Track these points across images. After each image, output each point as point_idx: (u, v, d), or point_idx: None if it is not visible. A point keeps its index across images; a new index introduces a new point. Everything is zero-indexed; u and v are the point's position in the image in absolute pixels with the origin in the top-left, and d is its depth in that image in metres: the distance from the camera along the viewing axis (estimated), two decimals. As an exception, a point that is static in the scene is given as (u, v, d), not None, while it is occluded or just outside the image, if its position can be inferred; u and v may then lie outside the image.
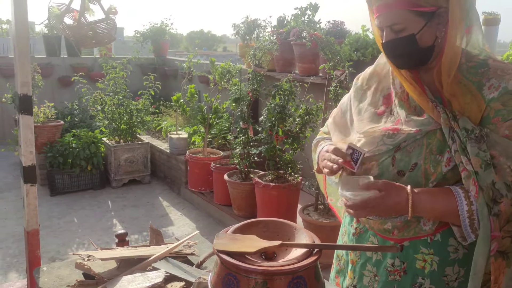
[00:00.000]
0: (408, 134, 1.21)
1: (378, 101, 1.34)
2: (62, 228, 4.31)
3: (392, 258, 1.27)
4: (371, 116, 1.33)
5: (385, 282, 1.27)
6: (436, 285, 1.23)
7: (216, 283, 1.11)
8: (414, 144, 1.22)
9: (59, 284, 1.69)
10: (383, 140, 1.26)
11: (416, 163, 1.21)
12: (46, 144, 5.26)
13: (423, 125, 1.20)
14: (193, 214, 4.73)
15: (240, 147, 4.14)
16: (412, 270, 1.24)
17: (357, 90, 1.44)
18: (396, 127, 1.25)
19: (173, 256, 1.74)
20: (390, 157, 1.25)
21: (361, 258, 1.36)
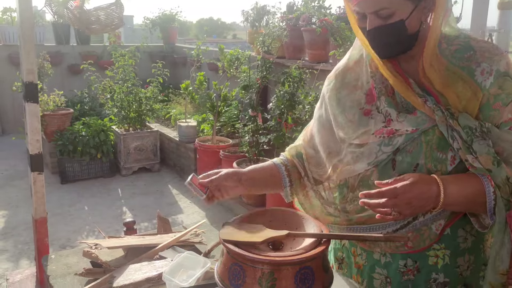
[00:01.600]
0: (406, 136, 1.13)
1: (360, 99, 1.21)
2: (72, 215, 4.34)
3: (404, 259, 1.20)
4: (357, 118, 1.20)
5: (399, 283, 1.22)
6: (450, 277, 1.19)
7: (222, 273, 1.09)
8: (413, 144, 1.13)
9: (67, 272, 1.69)
10: (381, 150, 1.16)
11: (417, 164, 1.13)
12: (56, 132, 5.28)
13: (419, 124, 1.12)
14: (202, 202, 4.70)
15: (249, 135, 4.12)
16: (425, 268, 1.19)
17: (332, 92, 1.29)
18: (390, 128, 1.14)
19: (181, 244, 1.74)
20: (389, 160, 1.16)
21: (368, 261, 1.27)
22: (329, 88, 1.30)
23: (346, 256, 1.34)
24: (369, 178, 1.19)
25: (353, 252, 1.31)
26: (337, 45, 3.28)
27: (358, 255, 1.29)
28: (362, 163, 1.19)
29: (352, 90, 1.23)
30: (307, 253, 1.04)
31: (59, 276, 1.67)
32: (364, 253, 1.27)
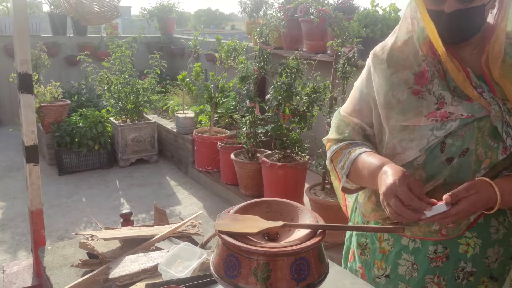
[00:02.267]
0: (461, 121, 1.11)
1: (408, 79, 1.17)
2: (70, 207, 4.34)
3: (434, 245, 1.19)
4: (406, 98, 1.16)
5: (427, 270, 1.21)
6: (477, 267, 1.19)
7: (217, 264, 1.09)
8: (465, 128, 1.12)
9: (63, 263, 1.69)
10: (434, 134, 1.13)
11: (467, 148, 1.12)
12: (53, 123, 5.26)
13: (474, 111, 1.10)
14: (200, 194, 4.73)
15: (247, 126, 4.11)
16: (455, 255, 1.19)
17: (379, 68, 1.23)
18: (443, 111, 1.11)
19: (177, 236, 1.73)
20: (439, 142, 1.14)
21: (394, 247, 1.26)
22: (376, 64, 1.24)
23: (370, 241, 1.33)
24: (415, 160, 1.17)
25: (379, 237, 1.30)
26: (335, 36, 3.25)
27: (384, 240, 1.29)
28: (412, 150, 1.17)
29: (399, 69, 1.19)
30: (302, 244, 1.03)
31: (55, 267, 1.67)
32: (392, 238, 1.26)
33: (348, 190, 1.32)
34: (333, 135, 1.35)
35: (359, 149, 1.23)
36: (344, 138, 1.30)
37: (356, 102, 1.31)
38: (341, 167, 1.25)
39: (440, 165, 1.14)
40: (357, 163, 1.20)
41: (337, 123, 1.36)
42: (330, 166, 1.35)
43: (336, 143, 1.31)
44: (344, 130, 1.32)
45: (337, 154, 1.28)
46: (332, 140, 1.35)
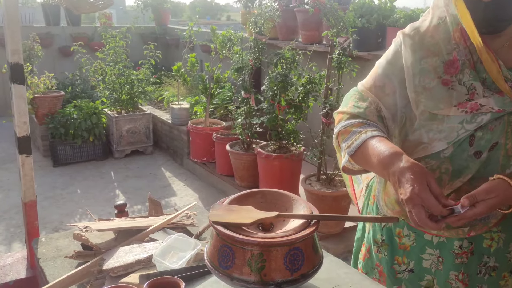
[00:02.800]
0: (491, 114, 1.07)
1: (437, 66, 1.12)
2: (65, 198, 4.33)
3: (460, 240, 1.17)
4: (434, 86, 1.11)
5: (452, 264, 1.19)
6: (500, 262, 1.18)
7: (211, 255, 1.08)
8: (495, 122, 1.08)
9: (57, 255, 1.68)
10: (464, 127, 1.09)
11: (497, 142, 1.09)
12: (47, 115, 5.23)
13: (505, 105, 1.06)
14: (196, 185, 4.73)
15: (242, 117, 4.09)
16: (479, 250, 1.18)
17: (409, 50, 1.16)
18: (474, 102, 1.07)
19: (172, 227, 1.73)
20: (468, 135, 1.09)
21: (417, 242, 1.23)
22: (407, 43, 1.16)
23: (387, 237, 1.29)
24: (442, 151, 1.13)
25: (398, 233, 1.26)
26: (330, 26, 3.24)
27: (404, 236, 1.24)
28: (441, 142, 1.12)
29: (429, 55, 1.13)
30: (296, 234, 1.03)
31: (49, 259, 1.66)
32: (413, 234, 1.23)
33: (350, 170, 1.24)
34: (346, 108, 1.23)
35: (371, 131, 1.13)
36: (359, 114, 1.19)
37: (378, 78, 1.22)
38: (347, 145, 1.16)
39: (468, 159, 1.10)
40: (366, 146, 1.11)
41: (352, 96, 1.26)
42: (335, 142, 1.25)
43: (348, 118, 1.20)
44: (360, 104, 1.22)
45: (346, 131, 1.18)
46: (344, 113, 1.23)
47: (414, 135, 1.16)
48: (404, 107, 1.18)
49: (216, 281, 1.17)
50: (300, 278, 1.03)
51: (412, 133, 1.17)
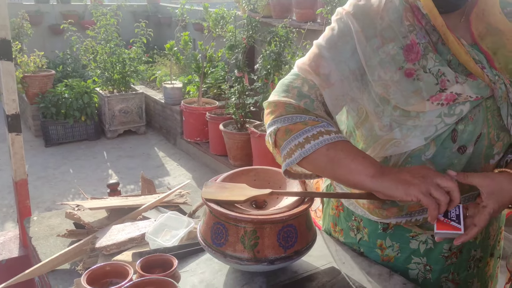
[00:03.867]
0: (471, 103, 0.95)
1: (395, 54, 0.96)
2: (57, 178, 4.30)
3: (449, 242, 1.08)
4: (401, 82, 0.96)
5: (442, 269, 1.11)
6: (484, 251, 1.15)
7: (204, 232, 1.08)
8: (474, 110, 0.97)
9: (49, 234, 1.67)
10: (443, 121, 0.95)
11: (480, 133, 0.98)
12: (38, 94, 5.16)
13: (481, 91, 0.95)
14: (189, 165, 4.71)
15: (235, 96, 4.06)
16: (466, 246, 1.11)
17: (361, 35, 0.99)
18: (450, 93, 0.94)
19: (165, 205, 1.72)
20: (450, 131, 0.98)
21: (401, 252, 1.12)
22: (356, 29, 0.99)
23: (366, 250, 1.18)
24: (423, 153, 1.00)
25: (379, 245, 1.14)
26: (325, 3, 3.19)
27: (387, 247, 1.13)
28: (417, 138, 0.98)
29: (384, 42, 0.97)
30: (290, 211, 1.03)
31: (41, 237, 1.65)
32: (397, 244, 1.12)
33: (290, 174, 1.07)
34: (287, 97, 1.02)
35: (336, 133, 0.97)
36: (307, 107, 0.99)
37: (322, 64, 1.01)
38: (299, 144, 0.96)
39: (452, 156, 0.99)
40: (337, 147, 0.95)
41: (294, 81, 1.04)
42: (272, 138, 1.04)
43: (296, 112, 0.99)
44: (305, 93, 1.01)
45: (295, 128, 0.97)
46: (286, 104, 1.01)
47: (383, 130, 1.01)
48: (361, 99, 1.04)
49: (209, 258, 1.16)
50: (293, 255, 1.03)
51: (381, 129, 1.01)
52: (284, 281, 1.08)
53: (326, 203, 1.29)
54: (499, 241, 1.21)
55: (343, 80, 1.01)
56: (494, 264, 1.20)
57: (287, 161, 1.00)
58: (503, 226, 1.22)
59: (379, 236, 1.14)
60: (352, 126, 1.10)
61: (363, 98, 1.03)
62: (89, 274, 1.01)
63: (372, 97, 1.01)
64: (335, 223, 1.25)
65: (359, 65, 1.00)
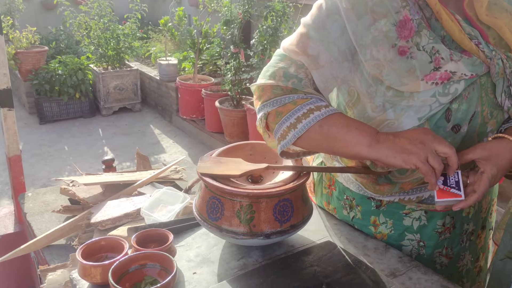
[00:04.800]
0: (466, 82, 0.92)
1: (388, 31, 0.92)
2: (52, 156, 4.28)
3: (442, 218, 1.08)
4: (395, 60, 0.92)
5: (435, 245, 1.11)
6: (476, 224, 1.15)
7: (200, 207, 1.07)
8: (468, 88, 0.94)
9: (44, 210, 1.67)
10: (438, 101, 0.93)
11: (474, 112, 0.96)
12: (31, 71, 5.09)
13: (476, 68, 0.93)
14: (185, 142, 4.70)
15: (231, 73, 4.02)
16: (459, 221, 1.11)
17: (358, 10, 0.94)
18: (444, 71, 0.91)
19: (161, 181, 1.71)
20: (444, 110, 0.95)
21: (394, 229, 1.11)
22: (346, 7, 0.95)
23: (359, 226, 1.17)
24: None
25: (373, 222, 1.14)
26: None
27: (381, 224, 1.13)
28: (410, 118, 0.95)
29: (376, 18, 0.93)
30: (286, 186, 1.02)
31: (36, 213, 1.65)
32: (390, 221, 1.11)
33: (288, 154, 1.07)
34: (274, 79, 0.99)
35: (326, 107, 0.95)
36: (295, 86, 0.97)
37: (310, 45, 0.98)
38: (291, 125, 0.95)
39: (446, 135, 0.97)
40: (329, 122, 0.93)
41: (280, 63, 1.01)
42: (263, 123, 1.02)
43: (284, 94, 0.97)
44: (293, 73, 0.98)
45: (285, 109, 0.96)
46: (273, 86, 0.99)
47: (376, 111, 0.98)
48: (352, 80, 1.01)
49: (205, 233, 1.16)
50: (289, 229, 1.03)
51: (373, 110, 0.99)
52: (280, 255, 1.07)
53: (318, 181, 1.28)
54: (491, 213, 1.21)
55: (332, 62, 0.98)
56: (485, 236, 1.21)
57: (281, 143, 0.98)
58: (495, 198, 1.22)
59: (372, 213, 1.13)
60: (344, 105, 1.07)
61: (354, 79, 1.00)
62: (84, 248, 1.01)
63: (365, 77, 0.98)
64: (328, 202, 1.25)
65: (349, 44, 0.96)
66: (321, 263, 1.00)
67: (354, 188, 1.13)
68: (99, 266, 0.95)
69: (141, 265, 0.97)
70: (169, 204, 1.38)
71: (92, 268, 0.94)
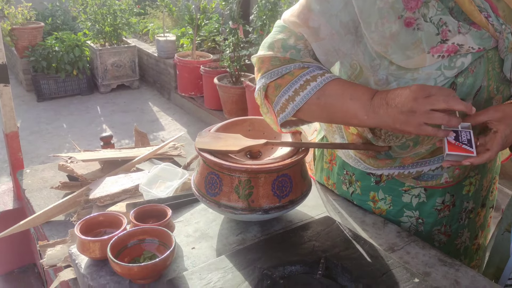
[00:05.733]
0: (473, 55, 0.90)
1: (395, 3, 0.89)
2: (51, 133, 4.27)
3: (442, 195, 1.08)
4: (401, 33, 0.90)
5: (434, 222, 1.11)
6: (476, 202, 1.15)
7: (198, 183, 1.06)
8: (475, 62, 0.92)
9: (43, 186, 1.67)
10: (443, 74, 0.91)
11: (480, 86, 0.94)
12: (28, 47, 5.03)
13: (484, 41, 0.90)
14: (184, 119, 4.68)
15: (230, 49, 3.97)
16: (459, 199, 1.11)
17: None
18: (450, 44, 0.88)
19: (159, 157, 1.71)
20: (448, 84, 0.92)
21: (393, 205, 1.12)
22: None
23: (358, 204, 1.18)
24: None
25: (372, 197, 1.14)
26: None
27: (380, 199, 1.13)
28: None
29: None
30: (284, 161, 1.01)
31: (35, 190, 1.65)
32: (389, 197, 1.11)
33: (289, 123, 1.04)
34: (273, 51, 0.98)
35: (322, 75, 0.93)
36: (293, 57, 0.96)
37: (312, 17, 0.95)
38: (290, 98, 0.95)
39: None
40: (325, 93, 0.92)
41: (279, 34, 1.00)
42: (262, 95, 1.01)
43: (282, 64, 0.96)
44: (291, 44, 0.97)
45: (284, 81, 0.96)
46: (272, 58, 0.98)
47: (379, 84, 0.96)
48: (355, 53, 0.98)
49: (204, 208, 1.16)
50: (288, 204, 1.03)
51: (376, 83, 0.97)
52: (279, 230, 1.08)
53: (319, 156, 1.28)
54: (492, 191, 1.20)
55: (333, 35, 0.95)
56: (485, 215, 1.21)
57: (281, 116, 0.98)
58: (497, 176, 1.21)
59: (371, 188, 1.13)
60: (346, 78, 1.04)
61: (358, 52, 0.97)
62: (82, 224, 1.01)
63: (368, 51, 0.95)
64: (328, 177, 1.25)
65: (352, 16, 0.93)
66: (320, 238, 1.01)
67: (353, 163, 1.12)
68: (98, 241, 0.95)
69: (139, 240, 0.97)
70: (168, 180, 1.38)
71: (91, 243, 0.94)
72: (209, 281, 0.87)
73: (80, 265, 0.97)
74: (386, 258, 0.94)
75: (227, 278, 0.88)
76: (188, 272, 0.90)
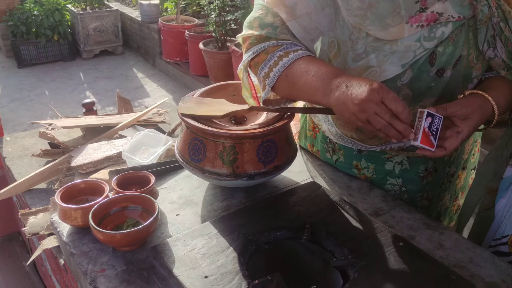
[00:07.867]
0: (453, 24, 0.87)
1: None
2: (33, 101, 4.17)
3: (425, 163, 1.08)
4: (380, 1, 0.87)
5: (418, 190, 1.11)
6: (457, 166, 1.15)
7: (182, 149, 1.04)
8: (455, 31, 0.89)
9: (24, 154, 1.63)
10: (423, 46, 0.88)
11: (460, 56, 0.92)
12: (6, 11, 4.85)
13: (464, 9, 0.87)
14: (170, 86, 4.61)
15: (215, 13, 3.87)
16: (441, 165, 1.10)
17: None
18: (430, 12, 0.85)
19: (142, 124, 1.68)
20: (428, 54, 0.91)
21: (376, 173, 1.12)
22: None
23: (343, 169, 1.17)
24: (399, 78, 0.94)
25: (355, 165, 1.14)
26: None
27: (363, 168, 1.13)
28: (393, 65, 0.91)
29: None
30: (269, 127, 0.99)
31: (16, 157, 1.61)
32: (372, 165, 1.11)
33: (270, 102, 1.02)
34: (252, 30, 0.98)
35: (294, 52, 0.92)
36: (268, 35, 0.95)
37: None
38: (265, 74, 0.94)
39: (429, 80, 0.94)
40: (292, 70, 0.91)
41: (257, 12, 0.99)
42: (244, 74, 1.03)
43: (258, 42, 0.96)
44: (267, 22, 0.96)
45: (260, 59, 0.95)
46: (251, 37, 0.98)
47: (358, 60, 0.94)
48: (332, 30, 0.95)
49: (188, 175, 1.14)
50: (273, 170, 1.01)
51: (354, 59, 0.95)
52: (264, 196, 1.07)
53: (303, 123, 1.27)
54: (474, 154, 1.21)
55: (310, 13, 0.93)
56: (466, 177, 1.22)
57: (262, 94, 0.99)
58: (479, 139, 1.21)
59: (354, 157, 1.13)
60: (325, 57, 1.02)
61: (336, 27, 0.95)
62: (63, 191, 0.99)
63: (347, 24, 0.92)
64: (312, 144, 1.25)
65: None
66: (305, 203, 1.00)
67: (342, 142, 1.11)
68: (79, 208, 0.93)
69: (122, 207, 0.95)
70: (151, 147, 1.35)
71: (72, 210, 0.93)
72: (193, 247, 0.86)
73: (62, 233, 0.96)
74: (371, 222, 0.94)
75: (211, 244, 0.87)
76: (172, 239, 0.89)
